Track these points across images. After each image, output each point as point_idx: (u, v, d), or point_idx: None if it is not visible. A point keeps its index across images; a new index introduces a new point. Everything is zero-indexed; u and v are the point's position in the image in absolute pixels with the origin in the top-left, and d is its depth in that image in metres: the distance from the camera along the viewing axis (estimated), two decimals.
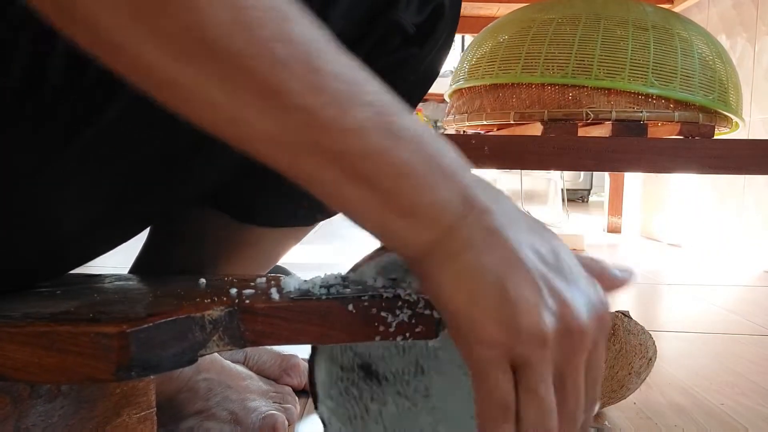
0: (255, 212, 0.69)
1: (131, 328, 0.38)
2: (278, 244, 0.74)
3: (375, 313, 0.43)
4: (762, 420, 0.79)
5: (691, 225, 2.44)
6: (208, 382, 0.70)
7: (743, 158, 1.00)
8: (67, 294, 0.48)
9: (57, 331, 0.38)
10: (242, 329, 0.43)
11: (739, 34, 2.13)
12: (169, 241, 0.72)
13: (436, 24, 0.60)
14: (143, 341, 0.38)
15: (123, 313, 0.41)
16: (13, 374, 0.39)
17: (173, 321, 0.40)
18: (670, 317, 1.46)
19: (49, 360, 0.38)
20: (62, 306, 0.43)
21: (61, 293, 0.48)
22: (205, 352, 0.41)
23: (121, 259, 0.74)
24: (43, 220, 0.50)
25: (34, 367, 0.38)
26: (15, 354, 0.38)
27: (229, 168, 0.58)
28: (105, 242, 0.57)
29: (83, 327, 0.38)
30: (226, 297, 0.45)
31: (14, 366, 0.38)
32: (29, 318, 0.40)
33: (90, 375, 0.38)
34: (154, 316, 0.40)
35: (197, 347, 0.41)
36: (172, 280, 0.55)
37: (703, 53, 1.06)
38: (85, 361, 0.38)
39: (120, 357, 0.38)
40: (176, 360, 0.40)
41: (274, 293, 0.45)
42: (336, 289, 0.45)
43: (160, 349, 0.39)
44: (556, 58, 1.04)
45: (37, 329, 0.39)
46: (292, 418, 0.71)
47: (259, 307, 0.43)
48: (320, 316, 0.43)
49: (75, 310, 0.42)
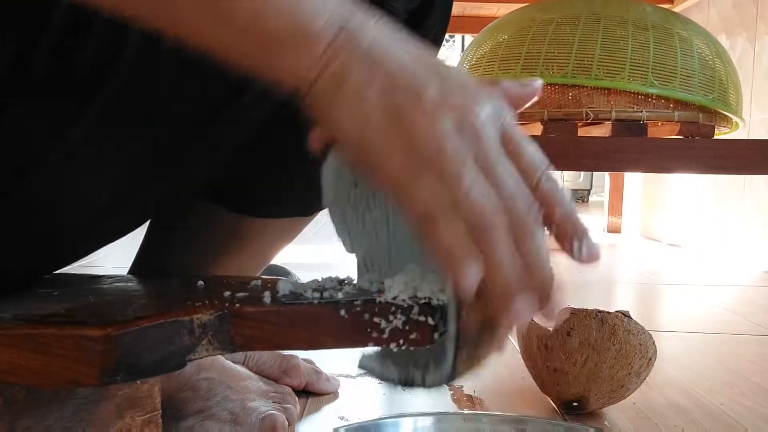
0: (252, 204, 0.69)
1: (116, 332, 0.38)
2: (277, 237, 0.74)
3: (368, 319, 0.42)
4: (762, 420, 0.79)
5: (691, 225, 2.44)
6: (208, 381, 0.70)
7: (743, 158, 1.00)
8: (62, 295, 0.48)
9: (43, 333, 0.38)
10: (232, 333, 0.42)
11: (739, 34, 2.13)
12: (167, 237, 0.72)
13: (428, 11, 0.60)
14: (128, 345, 0.38)
15: (111, 315, 0.41)
16: (1, 376, 0.38)
17: (160, 325, 0.39)
18: (670, 317, 1.46)
19: (35, 363, 0.38)
20: (54, 308, 0.43)
21: (58, 294, 0.48)
22: (194, 357, 0.41)
23: (121, 260, 0.74)
24: (42, 213, 0.50)
25: (21, 370, 0.38)
26: (2, 356, 0.38)
27: (227, 160, 0.58)
28: (104, 235, 0.57)
29: (69, 330, 0.38)
30: (218, 300, 0.44)
31: (1, 368, 0.38)
32: (18, 320, 0.40)
33: (74, 379, 0.38)
34: (141, 320, 0.39)
35: (185, 351, 0.40)
36: (170, 282, 0.55)
37: (703, 53, 1.06)
38: (70, 364, 0.38)
39: (104, 360, 0.37)
40: (163, 364, 0.40)
41: (266, 297, 0.44)
42: (329, 293, 0.44)
43: (146, 352, 0.39)
44: (555, 58, 1.04)
45: (24, 331, 0.38)
46: (292, 418, 0.71)
47: (249, 312, 0.43)
48: (311, 321, 0.42)
49: (65, 312, 0.42)
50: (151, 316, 0.40)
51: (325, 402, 0.80)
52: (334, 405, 0.80)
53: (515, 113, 0.39)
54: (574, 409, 0.77)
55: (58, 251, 0.55)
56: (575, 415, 0.77)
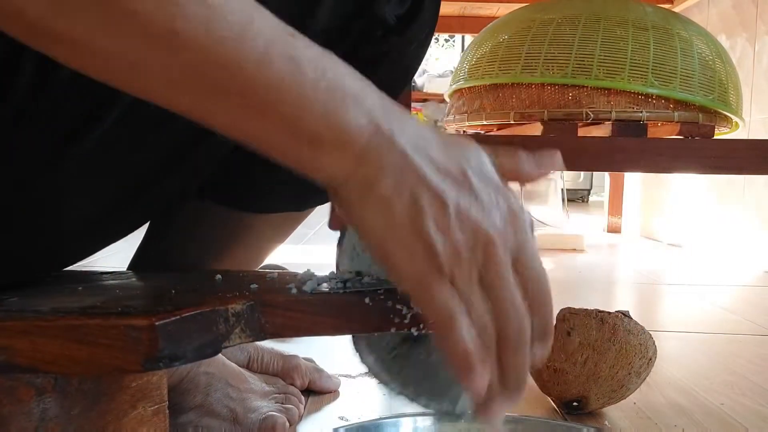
0: (246, 199, 0.70)
1: (160, 321, 0.39)
2: (272, 232, 0.74)
3: (391, 306, 0.44)
4: (762, 420, 0.79)
5: (691, 225, 2.44)
6: (208, 376, 0.70)
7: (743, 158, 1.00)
8: (89, 290, 0.50)
9: (88, 324, 0.40)
10: (263, 322, 0.45)
11: (739, 34, 2.13)
12: (167, 234, 0.72)
13: (417, 13, 0.60)
14: (171, 333, 0.40)
15: (149, 306, 0.43)
16: (44, 367, 0.40)
17: (199, 314, 0.42)
18: (670, 317, 1.46)
19: (80, 353, 0.39)
20: (88, 301, 0.45)
21: (83, 289, 0.50)
22: (229, 344, 0.43)
23: (121, 260, 0.74)
24: (45, 215, 0.51)
25: (64, 360, 0.39)
26: (46, 347, 0.39)
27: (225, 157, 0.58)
28: (107, 236, 0.57)
29: (113, 320, 0.40)
30: (247, 291, 0.47)
31: (45, 359, 0.40)
32: (60, 312, 0.41)
33: (119, 366, 0.40)
34: (181, 309, 0.41)
35: (221, 339, 0.43)
36: (186, 276, 0.57)
37: (703, 53, 1.06)
38: (115, 353, 0.39)
39: (149, 349, 0.39)
40: (201, 351, 0.42)
41: (292, 287, 0.47)
42: (352, 284, 0.47)
43: (186, 340, 0.41)
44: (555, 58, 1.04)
45: (69, 323, 0.40)
46: (293, 418, 0.72)
47: (280, 301, 0.45)
48: (339, 308, 0.45)
49: (102, 305, 0.44)
50: (190, 306, 0.42)
51: (326, 402, 0.81)
52: (334, 405, 0.80)
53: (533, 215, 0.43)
54: (574, 409, 0.77)
55: (66, 249, 0.55)
56: (575, 415, 0.77)
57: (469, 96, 1.17)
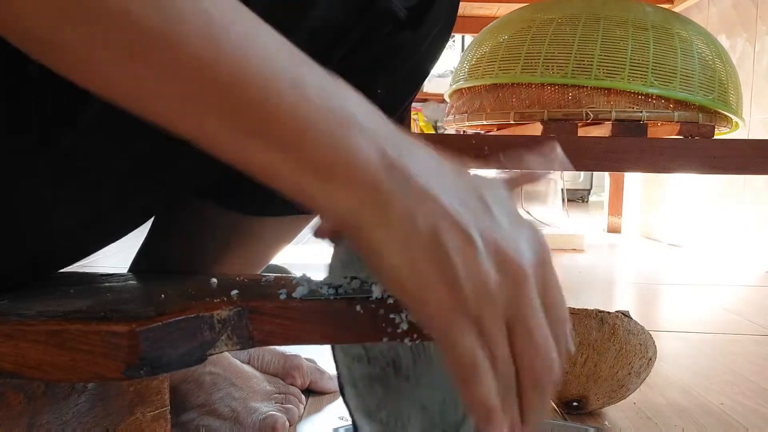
0: (250, 203, 0.69)
1: (140, 327, 0.38)
2: (277, 236, 0.74)
3: (383, 315, 0.42)
4: (762, 420, 0.79)
5: (691, 225, 2.44)
6: (213, 376, 0.70)
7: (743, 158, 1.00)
8: (79, 293, 0.49)
9: (68, 329, 0.39)
10: (250, 329, 0.43)
11: (739, 34, 2.13)
12: (168, 237, 0.72)
13: (429, 6, 0.58)
14: (152, 340, 0.39)
15: (133, 312, 0.42)
16: (28, 372, 0.39)
17: (182, 320, 0.40)
18: (670, 317, 1.46)
19: (61, 358, 0.38)
20: (75, 305, 0.44)
21: (74, 292, 0.49)
22: (214, 352, 0.42)
23: (121, 260, 0.74)
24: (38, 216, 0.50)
25: (47, 366, 0.39)
26: (28, 352, 0.39)
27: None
28: (102, 238, 0.57)
29: (94, 326, 0.39)
30: (236, 297, 0.45)
31: (28, 364, 0.39)
32: (42, 316, 0.40)
33: (99, 373, 0.38)
34: (163, 316, 0.40)
35: (206, 347, 0.41)
36: (183, 279, 0.56)
37: (702, 53, 1.06)
38: (95, 359, 0.38)
39: (129, 356, 0.38)
40: (185, 359, 0.40)
41: (282, 293, 0.45)
42: (344, 290, 0.45)
43: (169, 348, 0.39)
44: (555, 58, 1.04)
45: (50, 327, 0.39)
46: (293, 418, 0.72)
47: (268, 307, 0.43)
48: (328, 316, 0.43)
49: (87, 309, 0.42)
50: (173, 312, 0.40)
51: (326, 402, 0.81)
52: (334, 405, 0.80)
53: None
54: (574, 409, 0.77)
55: (62, 249, 0.55)
56: (575, 415, 0.77)
57: (469, 96, 1.17)
